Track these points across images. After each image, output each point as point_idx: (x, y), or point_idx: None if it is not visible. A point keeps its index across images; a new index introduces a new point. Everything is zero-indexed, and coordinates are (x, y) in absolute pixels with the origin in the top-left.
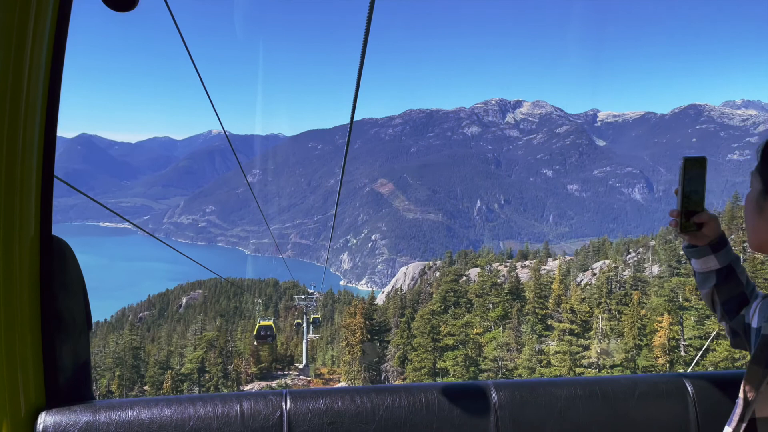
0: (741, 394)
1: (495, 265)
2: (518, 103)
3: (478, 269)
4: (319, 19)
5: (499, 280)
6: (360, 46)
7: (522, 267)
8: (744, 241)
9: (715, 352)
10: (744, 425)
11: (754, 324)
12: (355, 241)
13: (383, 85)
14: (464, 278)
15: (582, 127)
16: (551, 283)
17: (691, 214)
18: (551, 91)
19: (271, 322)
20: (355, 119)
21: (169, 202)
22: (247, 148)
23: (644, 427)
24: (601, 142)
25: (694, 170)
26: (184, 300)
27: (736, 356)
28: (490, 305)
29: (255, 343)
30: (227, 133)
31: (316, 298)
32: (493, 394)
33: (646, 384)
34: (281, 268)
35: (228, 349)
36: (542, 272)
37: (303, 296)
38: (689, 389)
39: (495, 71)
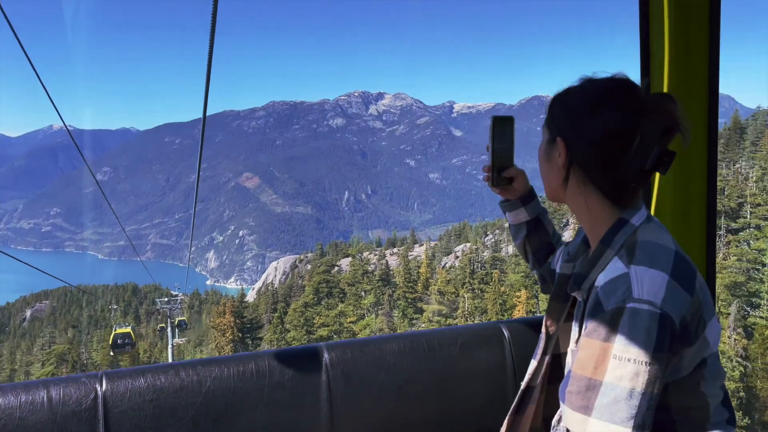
0: (543, 329)
1: (365, 254)
2: (380, 95)
3: (349, 259)
4: (171, 8)
5: (370, 268)
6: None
7: (391, 254)
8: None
9: None
10: (548, 357)
11: (558, 269)
12: (221, 239)
13: (245, 77)
14: (336, 268)
15: (440, 118)
16: (419, 267)
17: (501, 169)
18: (411, 83)
19: (128, 329)
20: (216, 111)
21: (5, 206)
22: (95, 144)
23: (467, 372)
24: (458, 132)
25: (503, 129)
26: (28, 313)
27: None
28: (363, 293)
29: (112, 353)
30: (69, 128)
31: (181, 300)
32: (325, 355)
33: (468, 333)
34: (141, 272)
35: (82, 362)
36: (410, 258)
37: (166, 299)
38: (505, 334)
39: (357, 64)
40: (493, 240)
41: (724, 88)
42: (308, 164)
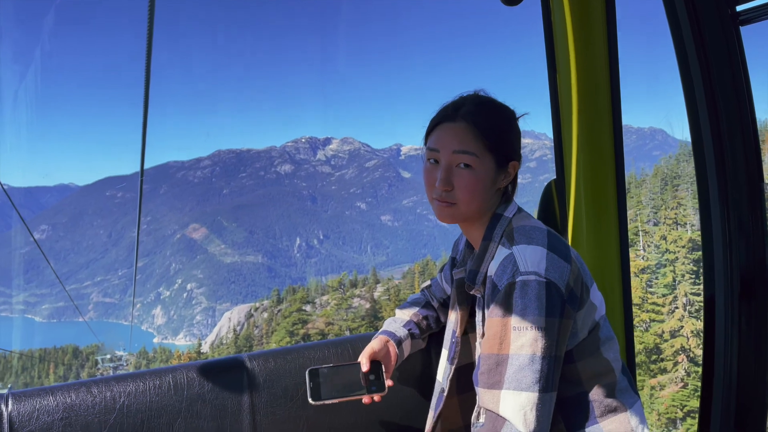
0: (449, 335)
1: (324, 297)
2: (328, 140)
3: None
4: (105, 61)
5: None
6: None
7: (353, 297)
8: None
9: None
10: (455, 365)
11: (450, 288)
12: (168, 293)
13: (187, 127)
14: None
15: (388, 160)
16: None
17: (377, 380)
18: (357, 128)
19: None
20: (159, 163)
21: None
22: (30, 202)
23: (393, 376)
24: (406, 174)
25: (325, 380)
26: None
27: None
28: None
29: None
30: (4, 186)
31: (126, 359)
32: (247, 365)
33: None
34: (82, 333)
35: None
36: (375, 298)
37: (108, 356)
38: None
39: (302, 110)
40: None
41: (655, 123)
42: (257, 212)
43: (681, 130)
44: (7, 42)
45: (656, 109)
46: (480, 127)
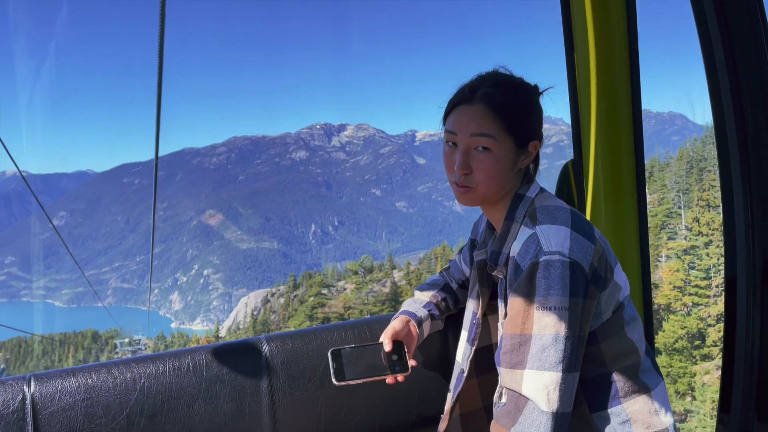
0: (469, 316)
1: (341, 283)
2: (342, 127)
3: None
4: (121, 48)
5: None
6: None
7: (372, 281)
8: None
9: None
10: (475, 345)
11: (468, 270)
12: (185, 279)
13: (203, 114)
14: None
15: (403, 147)
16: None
17: (401, 359)
18: (372, 114)
19: None
20: (175, 150)
21: None
22: (50, 188)
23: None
24: (421, 160)
25: (348, 359)
26: None
27: None
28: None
29: None
30: (23, 174)
31: (144, 343)
32: (265, 347)
33: None
34: (101, 318)
35: None
36: (395, 280)
37: (127, 340)
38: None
39: (317, 96)
40: None
41: (675, 107)
42: (272, 198)
43: (702, 115)
44: (23, 31)
45: (676, 93)
46: (497, 108)
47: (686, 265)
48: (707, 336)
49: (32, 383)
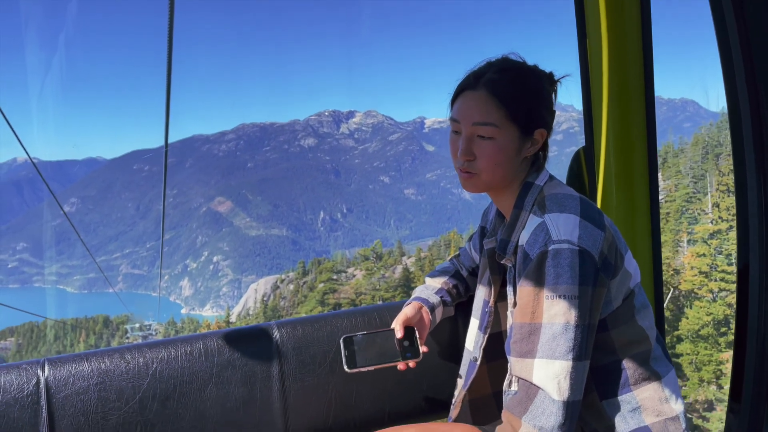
0: (480, 303)
1: (350, 270)
2: (351, 114)
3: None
4: (132, 34)
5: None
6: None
7: (382, 267)
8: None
9: None
10: (487, 333)
11: (479, 259)
12: (194, 265)
13: (213, 101)
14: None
15: (412, 134)
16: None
17: (412, 346)
18: (380, 100)
19: None
20: (184, 136)
21: None
22: (61, 175)
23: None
24: (430, 147)
25: (360, 346)
26: None
27: None
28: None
29: None
30: (34, 161)
31: (155, 329)
32: (275, 333)
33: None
34: (112, 304)
35: None
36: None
37: (138, 326)
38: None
39: (325, 83)
40: None
41: (687, 94)
42: (281, 185)
43: (717, 101)
44: (34, 22)
45: (688, 80)
46: (501, 96)
47: (713, 249)
48: (733, 323)
49: (46, 367)
